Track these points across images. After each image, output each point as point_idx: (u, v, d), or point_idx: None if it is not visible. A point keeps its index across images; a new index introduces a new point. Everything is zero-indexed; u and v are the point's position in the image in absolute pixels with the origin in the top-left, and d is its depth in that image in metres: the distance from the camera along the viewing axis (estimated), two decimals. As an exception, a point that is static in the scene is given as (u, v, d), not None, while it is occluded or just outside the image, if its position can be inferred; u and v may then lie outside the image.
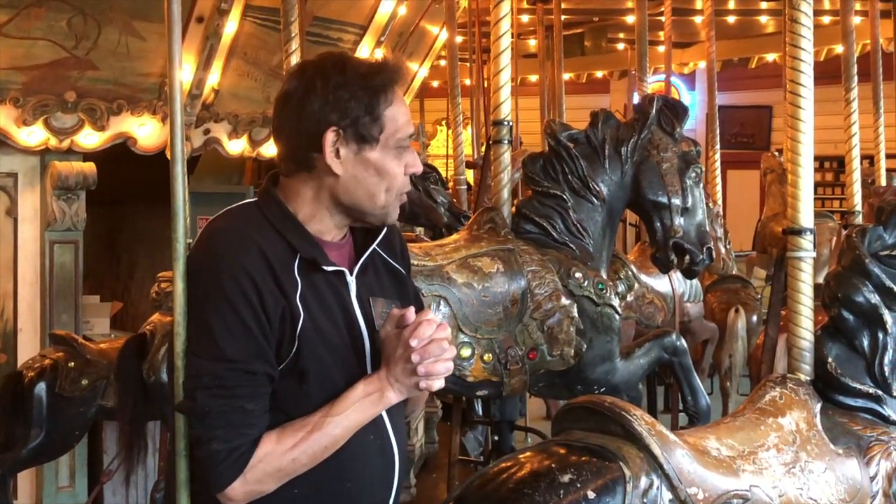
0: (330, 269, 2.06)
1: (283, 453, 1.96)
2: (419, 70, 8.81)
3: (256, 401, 1.96)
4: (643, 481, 2.25)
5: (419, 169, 2.13)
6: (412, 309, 2.04)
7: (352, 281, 2.10)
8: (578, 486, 2.19)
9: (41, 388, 4.76)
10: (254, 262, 1.96)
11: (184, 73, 4.14)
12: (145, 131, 5.92)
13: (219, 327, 1.94)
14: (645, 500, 2.23)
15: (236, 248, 1.99)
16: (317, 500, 2.04)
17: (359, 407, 1.99)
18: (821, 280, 3.05)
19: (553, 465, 2.23)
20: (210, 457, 1.95)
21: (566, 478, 2.20)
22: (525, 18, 11.62)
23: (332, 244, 2.11)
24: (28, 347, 5.65)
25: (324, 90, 2.02)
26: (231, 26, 5.89)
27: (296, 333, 1.98)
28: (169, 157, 2.23)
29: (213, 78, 6.03)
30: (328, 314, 2.04)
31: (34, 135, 5.64)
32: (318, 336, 2.01)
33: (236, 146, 6.59)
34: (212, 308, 1.95)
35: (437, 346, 1.97)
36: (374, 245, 2.15)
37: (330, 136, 2.02)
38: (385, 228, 2.17)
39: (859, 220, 5.92)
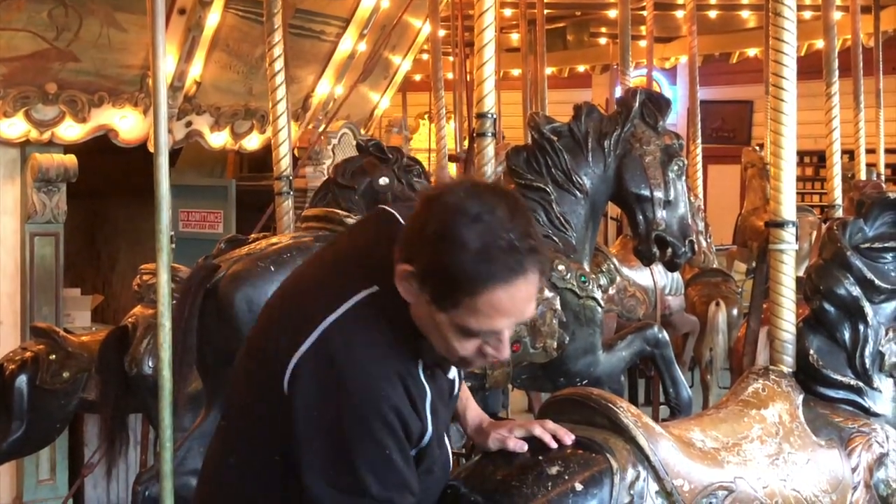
0: (451, 376, 2.16)
1: None
2: (402, 63, 8.80)
3: None
4: (630, 473, 2.26)
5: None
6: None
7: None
8: (566, 478, 2.19)
9: (22, 380, 4.73)
10: (398, 394, 1.91)
11: (166, 64, 4.12)
12: (127, 123, 5.89)
13: (363, 463, 1.88)
14: (632, 492, 2.24)
15: (380, 378, 1.90)
16: None
17: None
18: (801, 274, 3.07)
19: (540, 458, 2.24)
20: None
21: (554, 470, 2.20)
22: (508, 12, 11.63)
23: None
24: (9, 340, 5.62)
25: None
26: (213, 18, 5.87)
27: (421, 445, 2.02)
28: (151, 150, 2.23)
29: (196, 70, 6.01)
30: (445, 409, 2.13)
31: (14, 127, 5.60)
32: (436, 436, 2.08)
33: (218, 139, 6.56)
34: (356, 442, 1.88)
35: None
36: None
37: None
38: None
39: (839, 213, 5.98)
